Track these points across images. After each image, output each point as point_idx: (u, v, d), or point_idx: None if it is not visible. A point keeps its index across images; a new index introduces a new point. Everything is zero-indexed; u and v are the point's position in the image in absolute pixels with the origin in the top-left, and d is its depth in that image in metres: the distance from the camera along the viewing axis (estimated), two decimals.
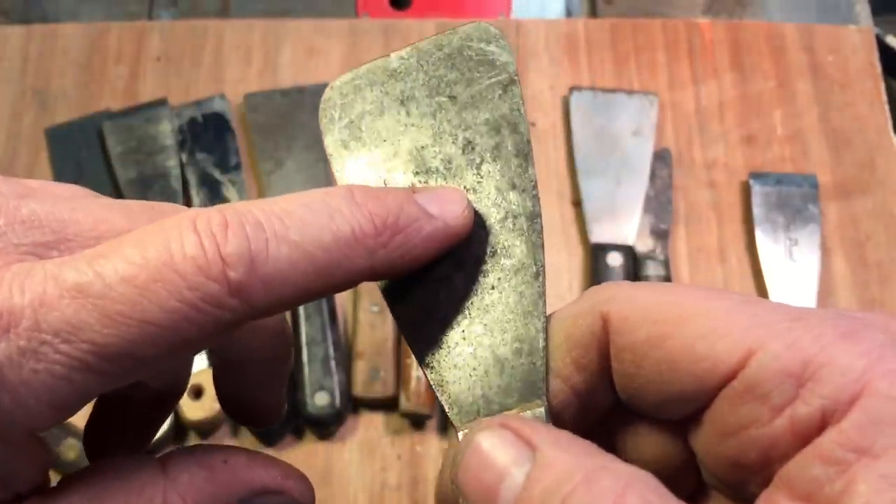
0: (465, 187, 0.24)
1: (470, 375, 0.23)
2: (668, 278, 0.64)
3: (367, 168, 0.25)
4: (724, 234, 0.68)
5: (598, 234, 0.65)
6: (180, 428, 0.60)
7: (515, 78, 0.25)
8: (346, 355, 0.61)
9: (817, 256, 0.65)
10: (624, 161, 0.68)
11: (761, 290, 0.65)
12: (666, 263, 0.65)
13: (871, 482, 0.17)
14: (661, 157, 0.69)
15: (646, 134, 0.69)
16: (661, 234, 0.66)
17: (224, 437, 0.60)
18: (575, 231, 0.67)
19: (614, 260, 0.64)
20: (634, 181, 0.67)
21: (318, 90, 0.70)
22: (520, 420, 0.21)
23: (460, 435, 0.23)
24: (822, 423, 0.19)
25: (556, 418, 0.23)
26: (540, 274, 0.23)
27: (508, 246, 0.24)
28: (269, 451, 0.60)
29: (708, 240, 0.67)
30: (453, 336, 0.24)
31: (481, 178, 0.24)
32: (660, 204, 0.67)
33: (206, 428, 0.59)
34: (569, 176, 0.69)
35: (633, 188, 0.67)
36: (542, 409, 0.23)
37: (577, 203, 0.68)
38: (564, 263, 0.66)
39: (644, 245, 0.66)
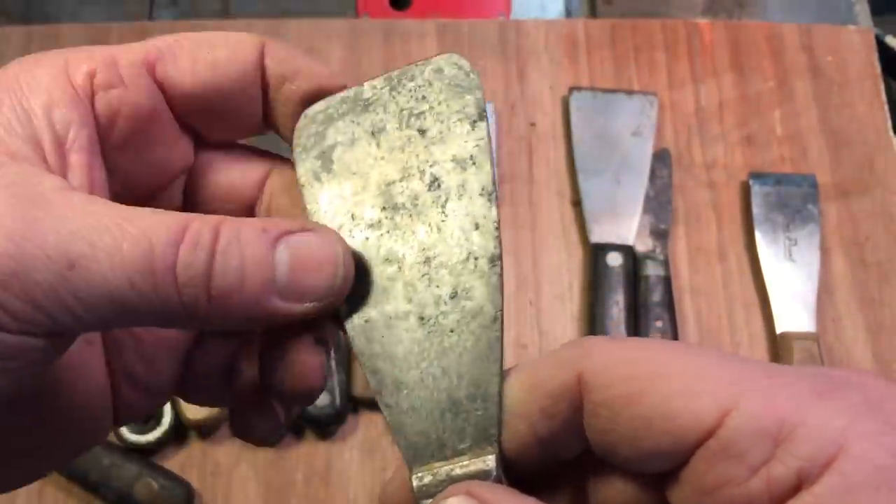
0: (430, 224, 0.24)
1: (426, 418, 0.23)
2: (667, 278, 0.64)
3: (336, 201, 0.25)
4: (723, 233, 0.68)
5: (598, 234, 0.66)
6: (181, 428, 0.60)
7: (484, 113, 0.25)
8: (346, 356, 0.61)
9: (816, 256, 0.65)
10: (624, 161, 0.68)
11: (761, 290, 0.65)
12: (665, 263, 0.65)
13: None
14: (661, 158, 0.69)
15: (645, 134, 0.69)
16: (660, 234, 0.66)
17: (225, 437, 0.60)
18: (574, 231, 0.67)
19: (614, 260, 0.64)
20: (634, 181, 0.67)
21: None
22: (483, 488, 0.21)
23: (413, 479, 0.23)
24: (797, 485, 0.18)
25: (517, 461, 0.23)
26: (498, 318, 0.23)
27: (469, 288, 0.24)
28: (270, 452, 0.60)
29: (707, 240, 0.68)
30: (412, 377, 0.24)
31: (446, 216, 0.24)
32: (659, 204, 0.68)
33: (207, 427, 0.60)
34: (569, 176, 0.69)
35: (633, 188, 0.67)
36: (493, 458, 0.23)
37: (577, 203, 0.68)
38: (564, 263, 0.66)
39: (644, 245, 0.66)
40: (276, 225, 0.22)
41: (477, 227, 0.24)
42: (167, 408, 0.58)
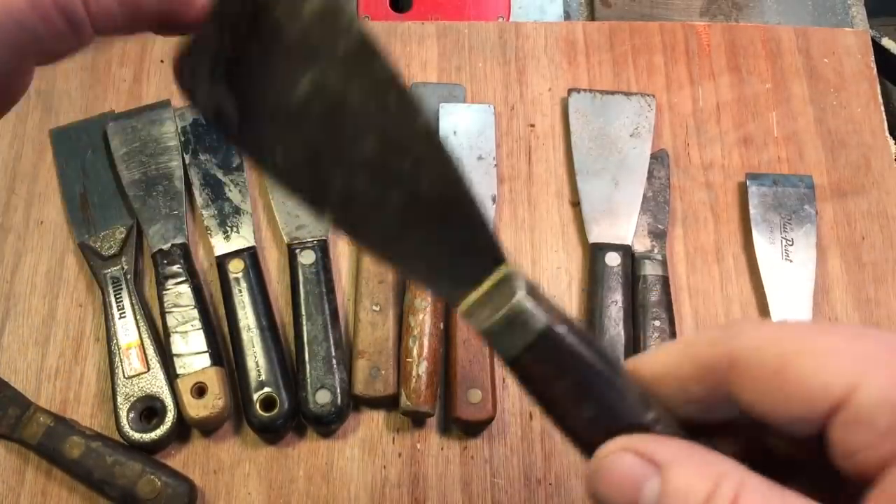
0: None
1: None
2: (665, 278, 0.65)
3: None
4: (720, 234, 0.68)
5: (597, 235, 0.66)
6: (183, 426, 0.60)
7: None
8: (347, 354, 0.62)
9: (813, 256, 0.66)
10: (622, 162, 0.69)
11: (758, 290, 0.66)
12: (663, 263, 0.65)
13: None
14: (659, 159, 0.70)
15: (644, 135, 0.70)
16: (658, 235, 0.67)
17: (227, 436, 0.61)
18: (574, 231, 0.68)
19: (612, 260, 0.64)
20: (632, 182, 0.68)
21: None
22: (641, 440, 0.24)
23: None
24: None
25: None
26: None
27: None
28: (271, 449, 0.61)
29: (705, 240, 0.68)
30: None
31: None
32: (657, 204, 0.68)
33: (208, 426, 0.60)
34: (567, 176, 0.70)
35: (632, 189, 0.68)
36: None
37: (576, 203, 0.69)
38: (563, 263, 0.67)
39: (642, 245, 0.66)
40: None
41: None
42: (170, 407, 0.59)
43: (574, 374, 0.25)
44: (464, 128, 0.70)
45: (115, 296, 0.62)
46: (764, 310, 0.65)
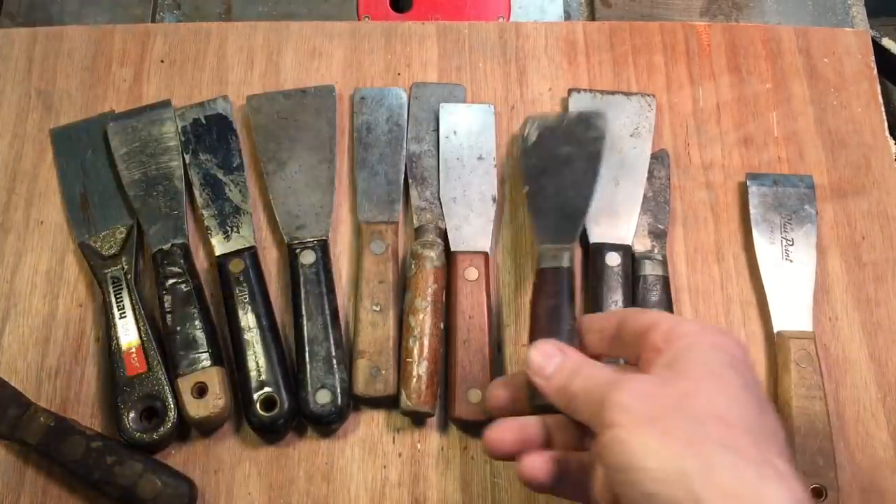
0: None
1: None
2: (665, 278, 0.65)
3: None
4: (721, 234, 0.68)
5: (597, 235, 0.66)
6: (183, 426, 0.60)
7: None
8: (347, 354, 0.62)
9: (813, 256, 0.66)
10: (622, 162, 0.69)
11: (758, 290, 0.66)
12: (663, 263, 0.65)
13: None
14: (659, 159, 0.70)
15: (644, 135, 0.70)
16: (658, 235, 0.67)
17: (227, 436, 0.61)
18: None
19: (612, 260, 0.64)
20: (633, 182, 0.68)
21: (320, 92, 0.71)
22: (559, 343, 0.47)
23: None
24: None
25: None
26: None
27: None
28: (271, 449, 0.61)
29: (705, 240, 0.68)
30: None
31: None
32: (657, 204, 0.68)
33: (208, 426, 0.60)
34: None
35: (632, 189, 0.68)
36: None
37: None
38: None
39: (642, 245, 0.66)
40: None
41: None
42: (171, 407, 0.59)
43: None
44: (464, 128, 0.69)
45: (115, 296, 0.62)
46: (764, 309, 0.65)
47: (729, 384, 0.39)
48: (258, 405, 0.59)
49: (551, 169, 0.62)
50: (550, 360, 0.45)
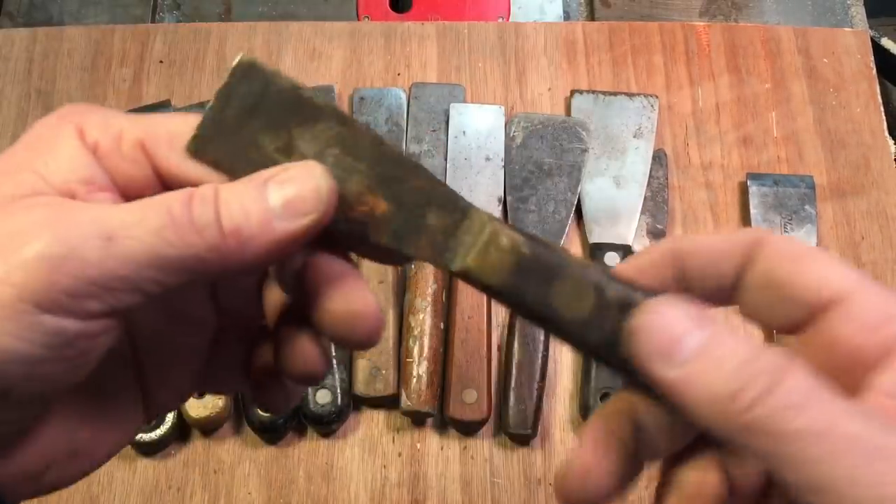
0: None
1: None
2: None
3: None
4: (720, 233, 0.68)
5: (598, 235, 0.66)
6: (184, 426, 0.60)
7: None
8: (347, 354, 0.62)
9: None
10: (623, 162, 0.69)
11: None
12: None
13: None
14: (657, 159, 0.70)
15: (646, 135, 0.70)
16: (658, 235, 0.67)
17: (227, 436, 0.61)
18: (574, 230, 0.68)
19: (612, 259, 0.64)
20: (634, 182, 0.68)
21: (320, 92, 0.71)
22: (693, 303, 0.25)
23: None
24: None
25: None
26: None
27: None
28: (272, 449, 0.61)
29: None
30: None
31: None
32: (656, 204, 0.68)
33: (208, 426, 0.60)
34: None
35: (633, 189, 0.68)
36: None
37: (577, 203, 0.69)
38: None
39: (641, 245, 0.66)
40: (260, 175, 0.26)
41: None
42: None
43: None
44: (473, 128, 0.70)
45: None
46: None
47: None
48: (258, 405, 0.59)
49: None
50: (697, 337, 0.24)
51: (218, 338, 0.32)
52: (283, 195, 0.25)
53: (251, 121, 0.27)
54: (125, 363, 0.29)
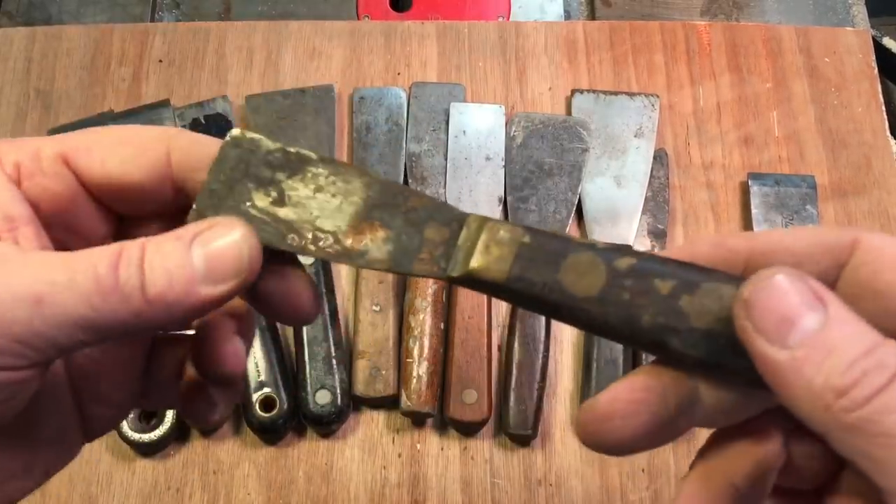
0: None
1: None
2: None
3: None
4: (721, 233, 0.68)
5: (598, 234, 0.66)
6: (183, 426, 0.60)
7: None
8: (347, 354, 0.62)
9: None
10: (624, 162, 0.69)
11: None
12: None
13: None
14: (658, 158, 0.70)
15: (647, 135, 0.70)
16: (658, 234, 0.67)
17: (227, 436, 0.61)
18: (575, 230, 0.68)
19: None
20: (635, 182, 0.68)
21: (320, 92, 0.71)
22: (812, 278, 0.23)
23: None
24: None
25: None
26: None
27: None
28: (271, 450, 0.60)
29: None
30: None
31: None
32: (657, 204, 0.68)
33: (208, 427, 0.60)
34: None
35: (634, 189, 0.68)
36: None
37: (578, 203, 0.68)
38: None
39: (642, 245, 0.66)
40: (187, 230, 0.26)
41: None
42: None
43: None
44: (473, 128, 0.69)
45: None
46: None
47: None
48: (257, 406, 0.59)
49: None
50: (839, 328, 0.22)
51: (153, 351, 0.32)
52: (206, 257, 0.25)
53: (243, 183, 0.28)
54: (59, 386, 0.29)
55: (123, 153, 0.28)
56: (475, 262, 0.27)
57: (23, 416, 0.26)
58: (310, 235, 0.28)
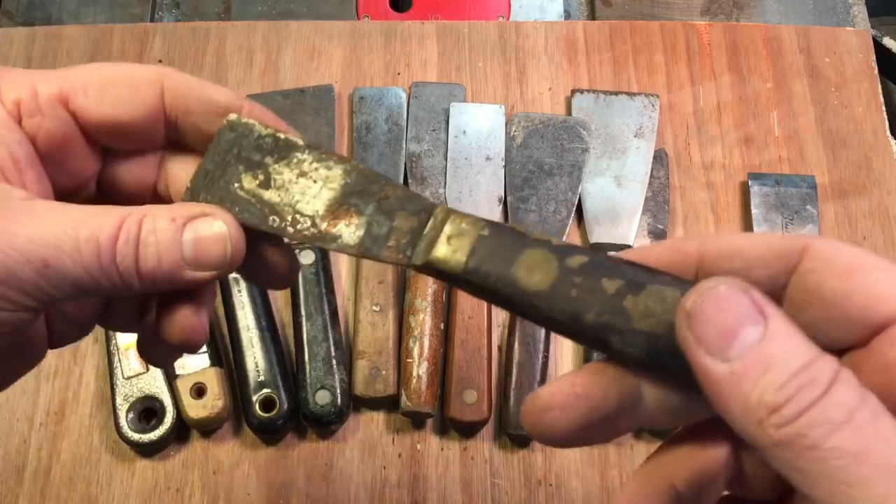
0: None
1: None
2: None
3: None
4: (721, 233, 0.68)
5: (598, 235, 0.66)
6: (182, 426, 0.60)
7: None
8: (347, 354, 0.62)
9: None
10: (625, 162, 0.68)
11: None
12: None
13: None
14: (658, 158, 0.70)
15: (647, 135, 0.70)
16: (658, 235, 0.67)
17: (226, 437, 0.61)
18: (575, 230, 0.68)
19: None
20: (634, 182, 0.68)
21: (319, 92, 0.71)
22: (755, 289, 0.23)
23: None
24: None
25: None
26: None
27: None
28: (271, 450, 0.60)
29: None
30: None
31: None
32: (657, 204, 0.68)
33: (207, 426, 0.60)
34: None
35: (634, 189, 0.67)
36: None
37: (578, 203, 0.68)
38: None
39: (642, 245, 0.66)
40: (182, 212, 0.28)
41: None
42: (169, 407, 0.59)
43: None
44: (473, 127, 0.69)
45: None
46: None
47: None
48: (257, 406, 0.59)
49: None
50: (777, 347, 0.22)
51: None
52: (195, 244, 0.28)
53: (234, 166, 0.30)
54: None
55: (119, 94, 0.30)
56: (436, 251, 0.28)
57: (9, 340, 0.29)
58: (289, 218, 0.30)
